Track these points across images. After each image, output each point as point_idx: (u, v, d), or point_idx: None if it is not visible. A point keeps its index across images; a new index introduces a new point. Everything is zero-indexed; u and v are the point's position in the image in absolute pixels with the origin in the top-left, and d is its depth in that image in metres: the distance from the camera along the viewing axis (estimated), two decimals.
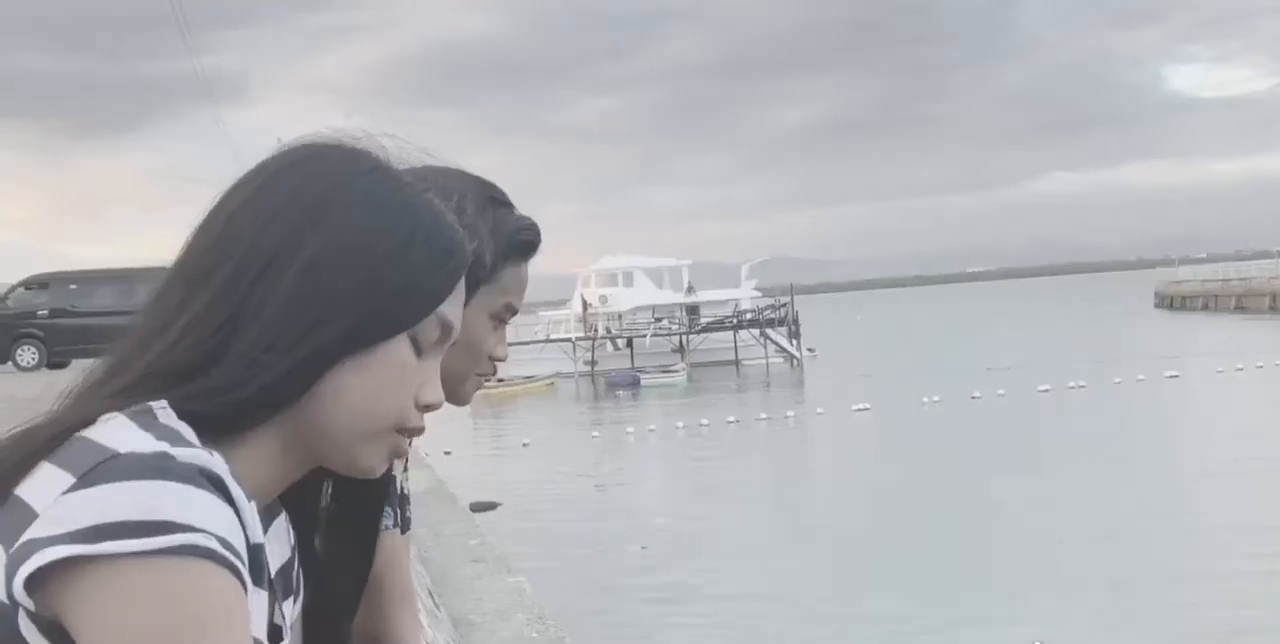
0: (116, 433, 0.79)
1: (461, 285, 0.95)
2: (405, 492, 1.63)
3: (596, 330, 52.23)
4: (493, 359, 1.56)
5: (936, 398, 31.84)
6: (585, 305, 52.85)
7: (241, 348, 0.85)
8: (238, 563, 0.77)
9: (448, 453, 27.23)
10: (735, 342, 52.11)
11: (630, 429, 30.86)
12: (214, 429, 0.85)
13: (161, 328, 0.88)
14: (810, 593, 13.65)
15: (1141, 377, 33.50)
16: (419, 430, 0.93)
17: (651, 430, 30.60)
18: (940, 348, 54.38)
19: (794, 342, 51.97)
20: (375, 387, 0.89)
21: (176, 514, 0.74)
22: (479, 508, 19.08)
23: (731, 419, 30.88)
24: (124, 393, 0.84)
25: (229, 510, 0.78)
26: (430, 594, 9.60)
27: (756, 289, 58.01)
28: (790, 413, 31.95)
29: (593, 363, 50.17)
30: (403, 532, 1.62)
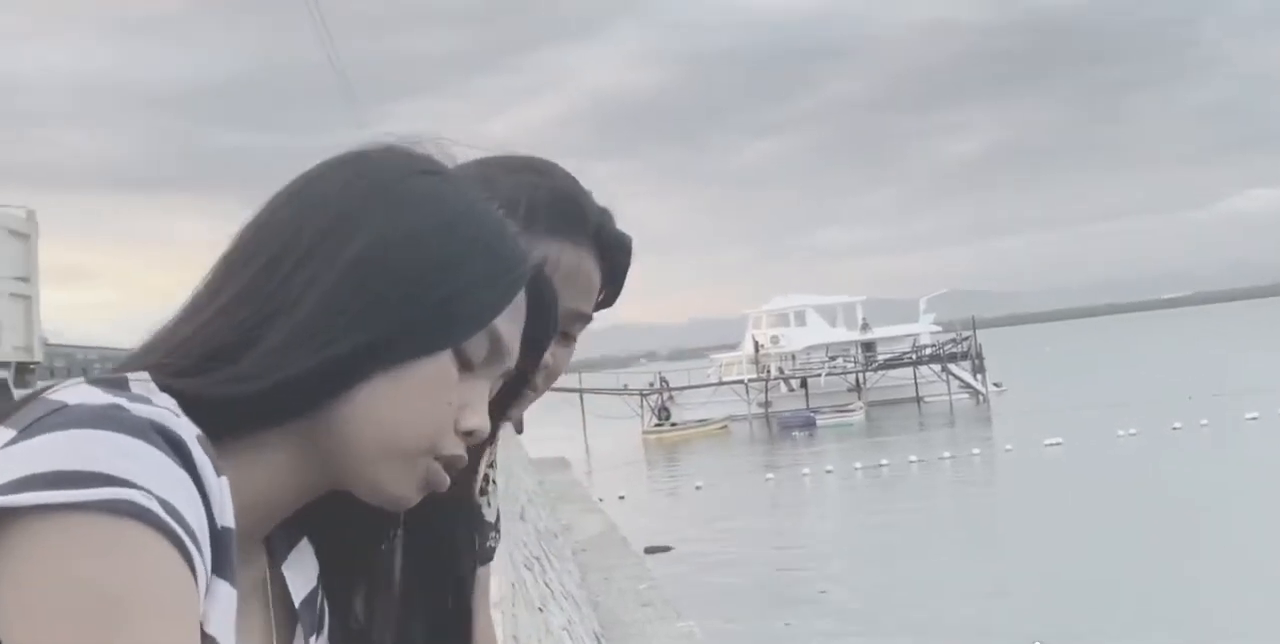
0: (74, 390, 0.72)
1: (522, 304, 0.87)
2: (485, 517, 1.48)
3: (769, 371, 51.70)
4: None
5: (1133, 430, 30.15)
6: (757, 346, 52.48)
7: (271, 340, 0.79)
8: (182, 534, 0.66)
9: (621, 497, 27.27)
10: (915, 378, 50.75)
11: (806, 470, 30.17)
12: (220, 424, 0.76)
13: (191, 314, 0.81)
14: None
15: None
16: (458, 460, 0.84)
17: (829, 472, 29.83)
18: (1136, 378, 51.55)
19: (979, 376, 50.31)
20: (410, 402, 0.81)
21: (112, 466, 0.65)
22: (652, 550, 18.90)
23: (913, 458, 29.88)
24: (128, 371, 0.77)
25: (184, 476, 0.68)
26: (598, 639, 9.40)
27: (935, 323, 56.45)
28: (976, 450, 30.72)
29: (766, 404, 49.56)
30: (479, 563, 1.46)
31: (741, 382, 50.92)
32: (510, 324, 0.86)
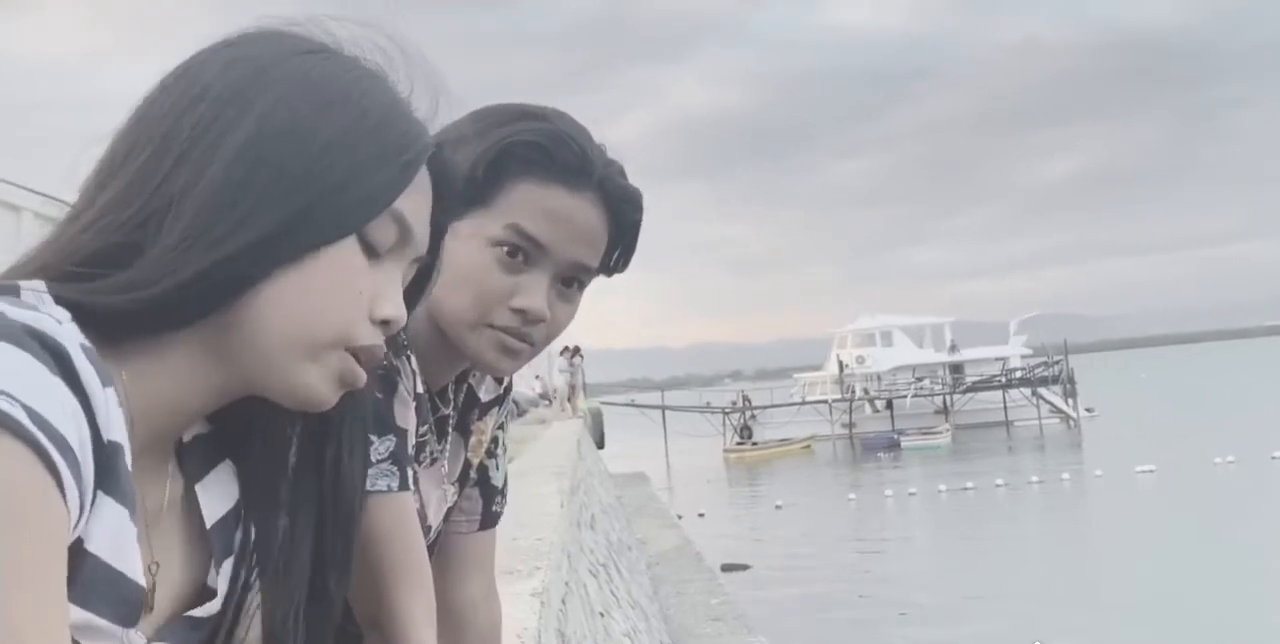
0: None
1: (426, 183, 0.83)
2: (493, 481, 1.46)
3: (854, 391, 51.07)
4: (517, 311, 1.19)
5: (1231, 458, 29.08)
6: (842, 366, 51.92)
7: (159, 242, 0.74)
8: (48, 444, 0.61)
9: (701, 515, 27.12)
10: (1005, 401, 49.70)
11: (889, 492, 29.68)
12: (118, 330, 0.73)
13: (76, 215, 0.77)
14: None
15: None
16: (374, 352, 0.80)
17: (912, 494, 29.30)
18: (1236, 405, 49.83)
19: (1070, 401, 49.10)
20: (317, 294, 0.77)
21: None
22: (729, 568, 18.75)
23: (1000, 482, 29.21)
24: (16, 278, 0.73)
25: (58, 384, 0.64)
26: None
27: (1026, 346, 55.27)
28: (1065, 475, 29.92)
29: (850, 425, 48.92)
30: (483, 527, 1.45)
31: (825, 401, 50.39)
32: (414, 204, 0.82)
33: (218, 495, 0.84)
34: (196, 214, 0.74)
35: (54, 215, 0.81)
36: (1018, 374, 51.08)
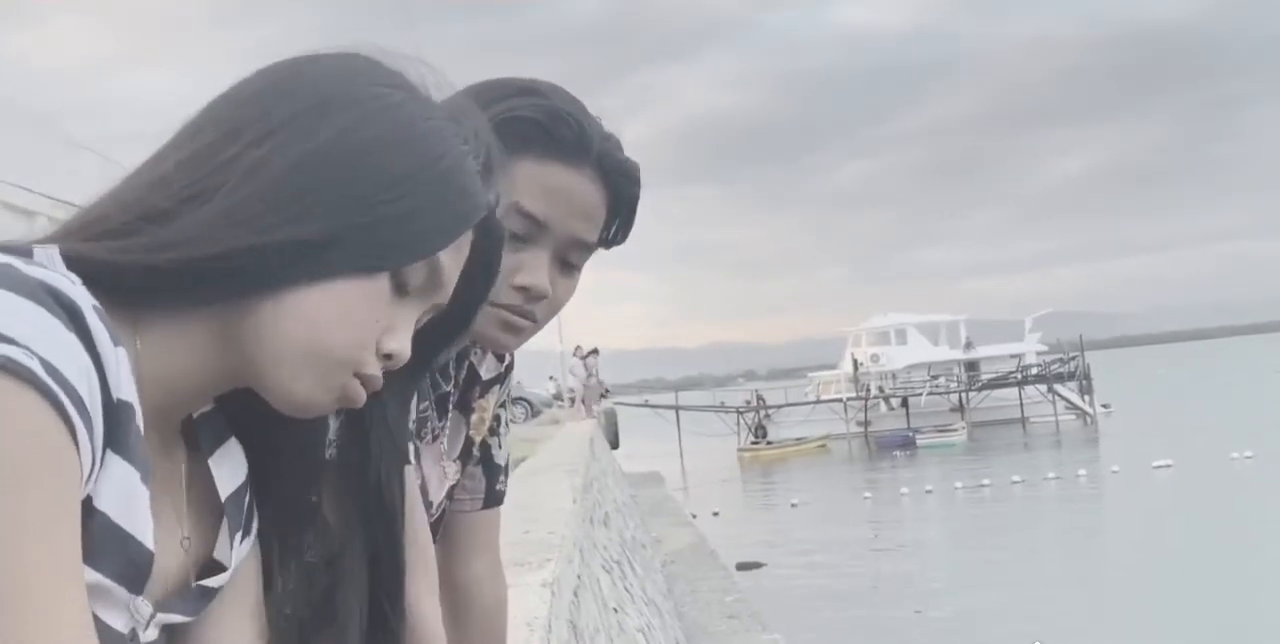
0: None
1: (467, 242, 0.85)
2: (496, 459, 1.49)
3: (869, 390, 50.94)
4: (520, 289, 1.20)
5: (1249, 453, 28.91)
6: (856, 365, 51.78)
7: (203, 213, 0.75)
8: (63, 396, 0.62)
9: (716, 514, 27.09)
10: (1020, 398, 49.51)
11: (905, 490, 29.60)
12: (138, 293, 0.73)
13: (135, 176, 0.79)
14: None
15: None
16: (373, 381, 0.82)
17: (928, 492, 29.23)
18: (1253, 401, 49.52)
19: (1086, 397, 48.88)
20: (339, 312, 0.78)
21: None
22: (745, 567, 18.73)
23: (1016, 479, 29.12)
24: (56, 239, 0.74)
25: (74, 341, 0.65)
26: None
27: (1041, 343, 55.05)
28: (1082, 472, 29.80)
29: (865, 423, 48.79)
30: (487, 505, 1.48)
31: (840, 400, 50.26)
32: (452, 258, 0.84)
33: (229, 470, 0.85)
34: (248, 197, 0.76)
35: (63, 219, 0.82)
36: (1033, 371, 50.83)
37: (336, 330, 0.78)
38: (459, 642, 1.40)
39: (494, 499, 1.48)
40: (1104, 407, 49.79)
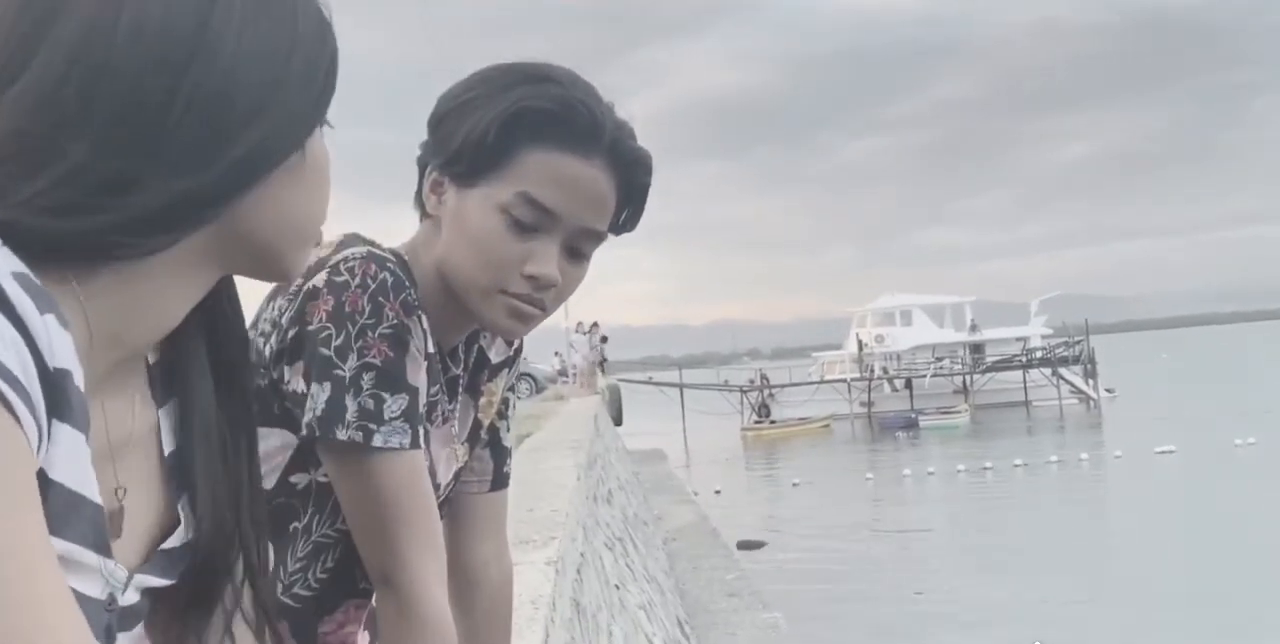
0: None
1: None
2: (504, 442, 1.49)
3: (873, 371, 50.98)
4: (529, 277, 1.20)
5: (1252, 440, 28.93)
6: (861, 345, 51.80)
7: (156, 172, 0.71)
8: None
9: (718, 492, 27.19)
10: (1025, 381, 49.53)
11: (907, 471, 29.68)
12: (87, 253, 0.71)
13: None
14: None
15: None
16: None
17: (930, 473, 29.30)
18: (1257, 387, 49.50)
19: (1090, 381, 48.88)
20: (312, 190, 0.82)
21: None
22: (746, 546, 18.81)
23: (1018, 462, 29.19)
24: None
25: None
26: (681, 623, 9.40)
27: (1047, 326, 55.03)
28: (1084, 455, 29.85)
29: (869, 404, 48.87)
30: (495, 487, 1.49)
31: (844, 380, 50.32)
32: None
33: (173, 426, 0.84)
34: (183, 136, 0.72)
35: None
36: (1038, 354, 50.84)
37: (319, 207, 0.83)
38: (467, 622, 1.41)
39: (501, 481, 1.49)
40: (1108, 391, 49.83)
